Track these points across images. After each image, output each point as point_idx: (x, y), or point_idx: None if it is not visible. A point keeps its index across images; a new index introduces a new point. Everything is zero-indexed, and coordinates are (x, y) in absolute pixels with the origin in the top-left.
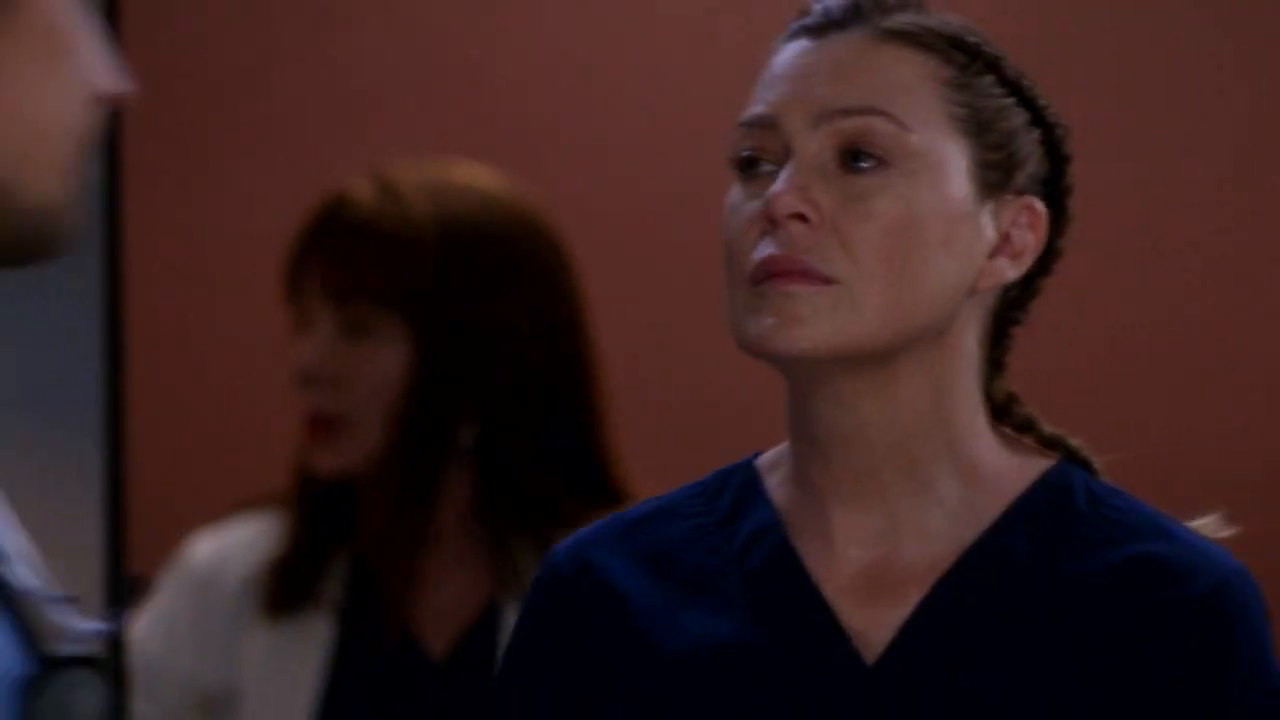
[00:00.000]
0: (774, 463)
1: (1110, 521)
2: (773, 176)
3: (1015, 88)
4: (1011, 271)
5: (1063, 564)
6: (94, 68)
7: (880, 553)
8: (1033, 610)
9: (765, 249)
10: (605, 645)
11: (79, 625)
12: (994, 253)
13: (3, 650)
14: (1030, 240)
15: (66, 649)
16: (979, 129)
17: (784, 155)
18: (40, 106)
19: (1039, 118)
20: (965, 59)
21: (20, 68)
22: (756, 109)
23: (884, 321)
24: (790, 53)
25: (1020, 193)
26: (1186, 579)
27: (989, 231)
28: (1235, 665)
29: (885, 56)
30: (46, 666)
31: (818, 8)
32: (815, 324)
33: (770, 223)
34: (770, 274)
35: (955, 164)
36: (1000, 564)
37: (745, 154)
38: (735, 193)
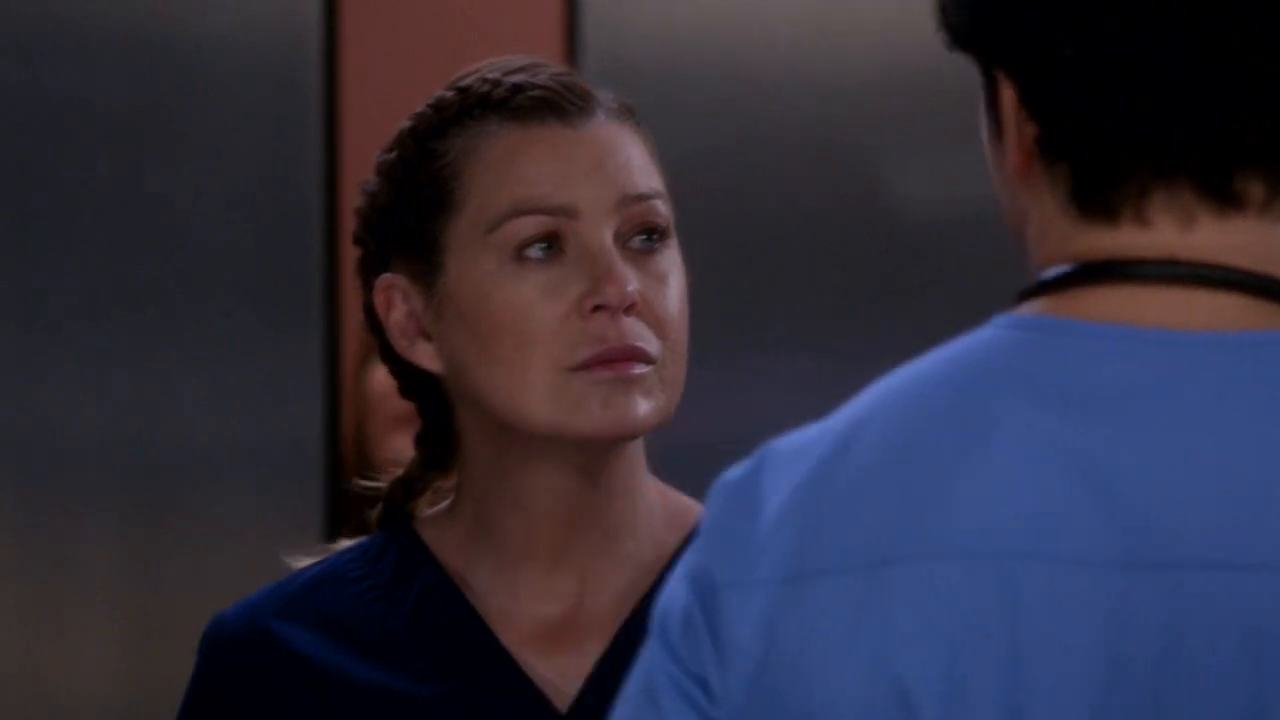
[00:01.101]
0: (437, 525)
1: None
2: (561, 262)
3: None
4: None
5: None
6: None
7: (567, 607)
8: None
9: (605, 337)
10: (287, 709)
11: None
12: None
13: None
14: None
15: None
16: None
17: (577, 241)
18: None
19: None
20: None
21: None
22: (554, 198)
23: (676, 394)
24: (552, 139)
25: None
26: None
27: None
28: None
29: (629, 137)
30: None
31: (539, 93)
32: (649, 402)
33: (604, 310)
34: (611, 361)
35: None
36: None
37: (543, 244)
38: (527, 281)
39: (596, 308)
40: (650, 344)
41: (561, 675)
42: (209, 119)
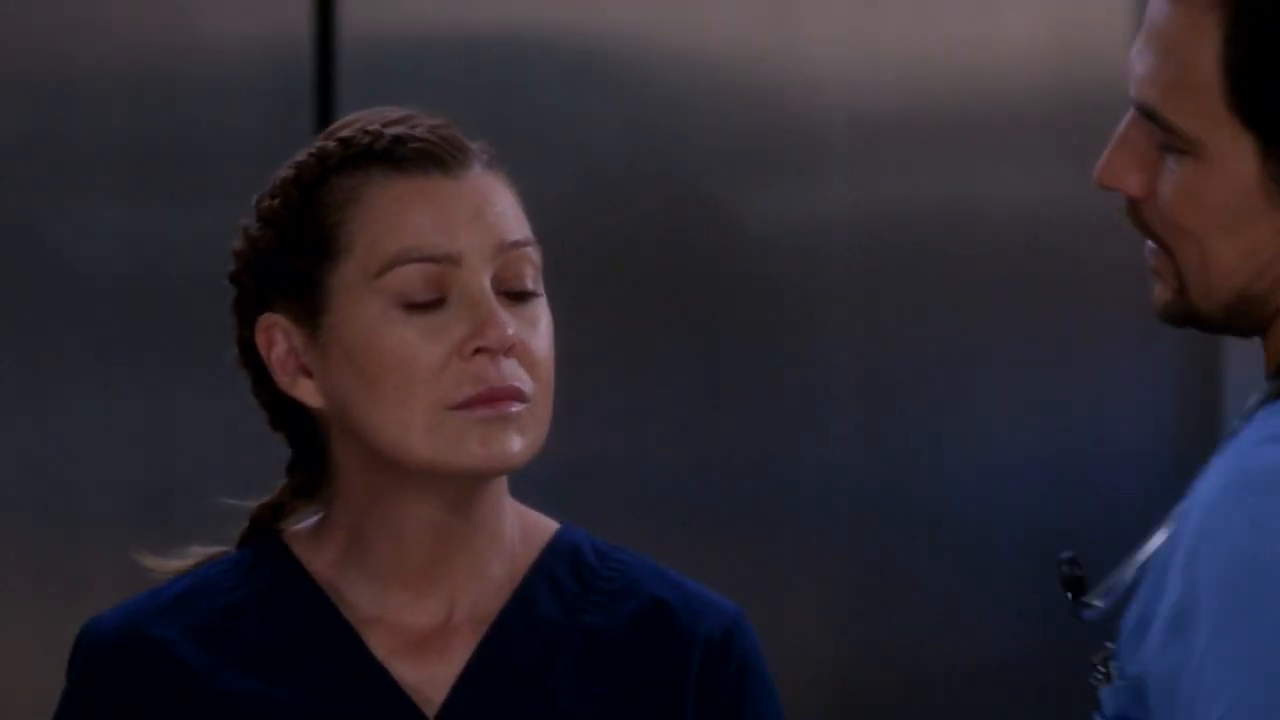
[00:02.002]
0: (309, 541)
1: (620, 574)
2: (443, 306)
3: None
4: None
5: (587, 616)
6: None
7: (435, 621)
8: (570, 660)
9: (486, 377)
10: (161, 715)
11: None
12: None
13: None
14: None
15: None
16: None
17: (459, 287)
18: None
19: None
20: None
21: None
22: (438, 246)
23: (545, 429)
24: (435, 189)
25: None
26: (698, 624)
27: None
28: (752, 699)
29: (502, 187)
30: None
31: (419, 145)
32: (523, 439)
33: (485, 353)
34: (490, 400)
35: None
36: (530, 622)
37: (427, 290)
38: (412, 325)
39: (478, 350)
40: (525, 384)
41: (430, 684)
42: (203, 148)
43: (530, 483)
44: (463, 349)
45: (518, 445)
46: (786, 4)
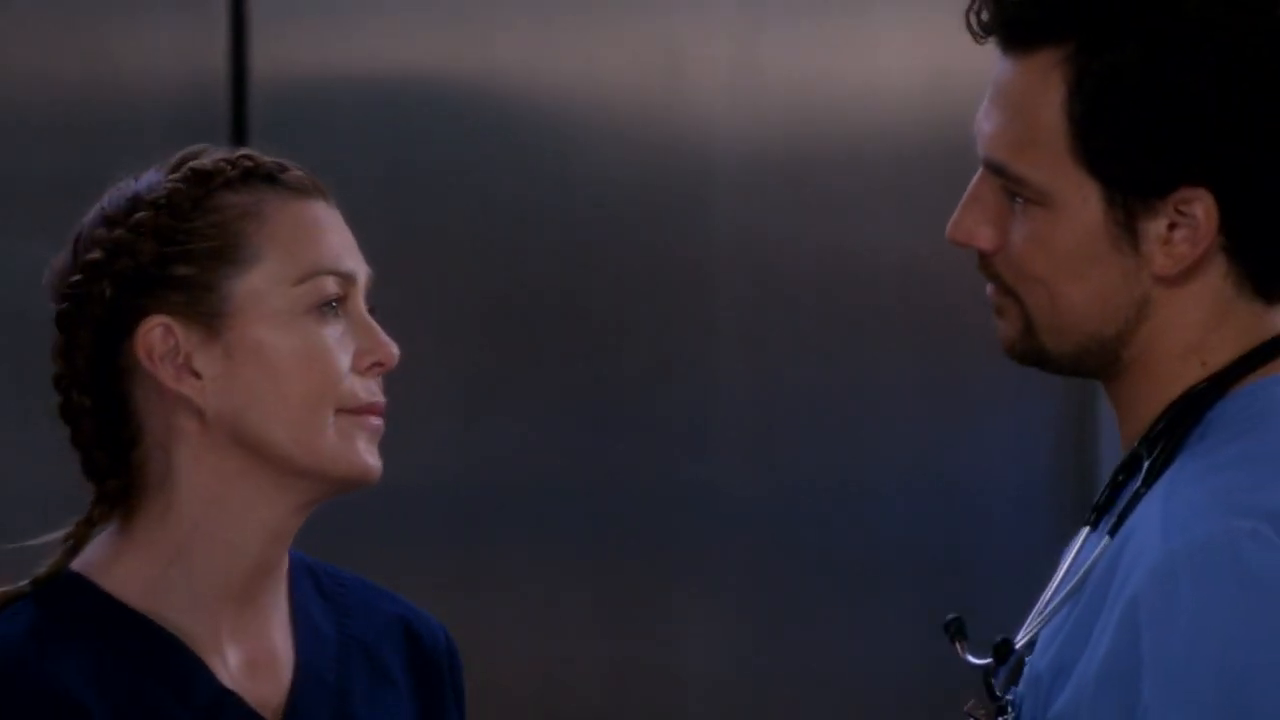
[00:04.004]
0: (112, 571)
1: (349, 590)
2: (341, 321)
3: None
4: None
5: (350, 628)
6: None
7: (257, 643)
8: (359, 665)
9: (374, 391)
10: None
11: None
12: None
13: None
14: None
15: None
16: None
17: (352, 306)
18: None
19: None
20: None
21: None
22: (343, 264)
23: None
24: (326, 215)
25: None
26: (436, 634)
27: None
28: (460, 699)
29: None
30: None
31: (300, 173)
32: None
33: (376, 368)
34: (378, 412)
35: None
36: (316, 632)
37: (335, 302)
38: (325, 330)
39: (373, 365)
40: None
41: (264, 706)
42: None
43: (419, 499)
44: (358, 362)
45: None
46: (673, 49)
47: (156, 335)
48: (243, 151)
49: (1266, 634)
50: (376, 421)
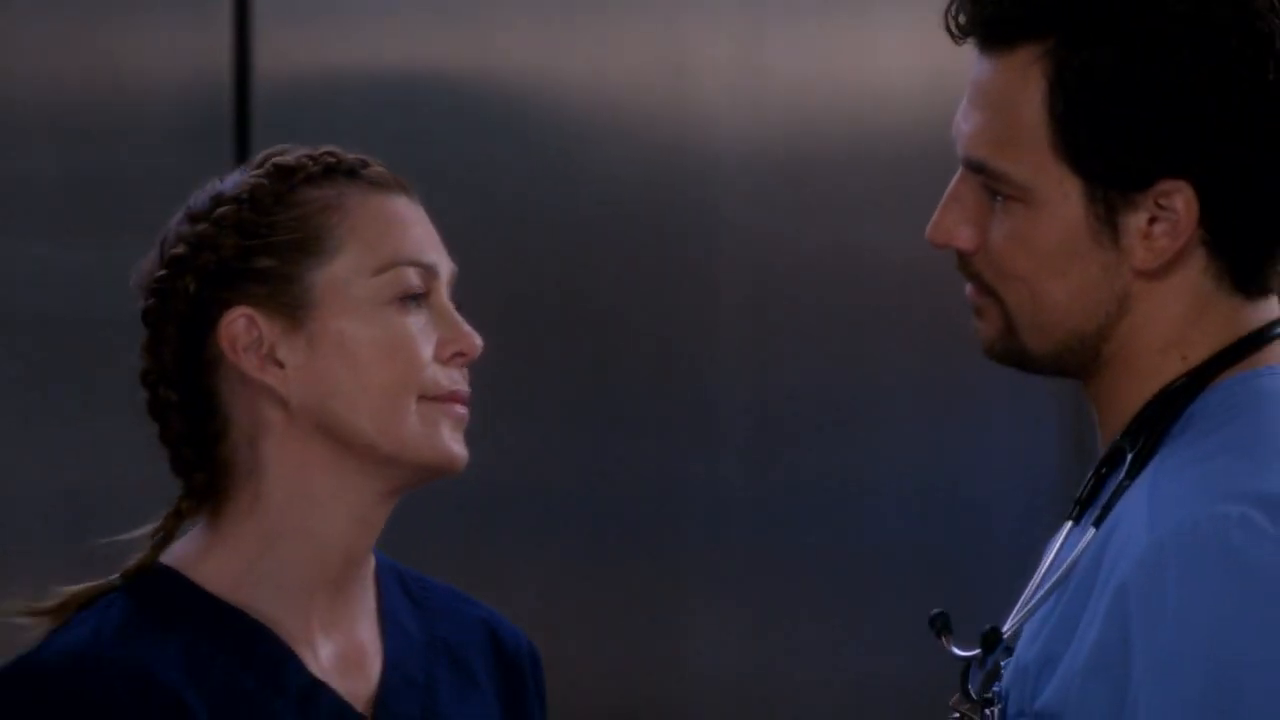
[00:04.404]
0: (201, 565)
1: (432, 593)
2: (424, 311)
3: None
4: None
5: (436, 629)
6: None
7: (347, 634)
8: (446, 667)
9: (457, 380)
10: None
11: None
12: None
13: None
14: None
15: None
16: None
17: (435, 298)
18: None
19: None
20: None
21: None
22: (426, 256)
23: None
24: (408, 209)
25: None
26: (518, 638)
27: None
28: (543, 704)
29: None
30: None
31: (380, 169)
32: None
33: (459, 358)
34: (462, 400)
35: None
36: (405, 634)
37: (417, 293)
38: (407, 320)
39: (455, 355)
40: None
41: (354, 699)
42: (125, 185)
43: (418, 498)
44: (440, 351)
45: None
46: (678, 48)
47: (240, 326)
48: (326, 148)
49: (1256, 621)
50: (460, 410)
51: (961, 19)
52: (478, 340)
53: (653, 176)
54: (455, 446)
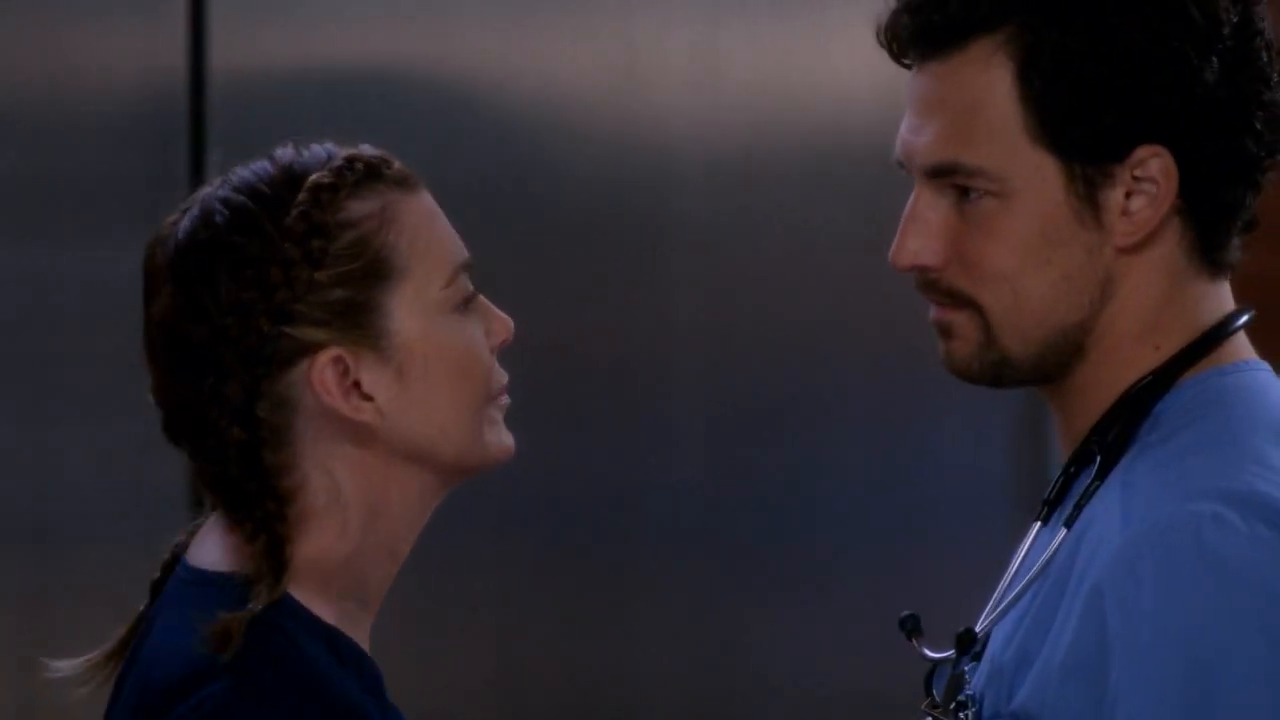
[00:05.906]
0: (306, 589)
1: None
2: (471, 306)
3: None
4: None
5: None
6: None
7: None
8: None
9: (502, 372)
10: None
11: None
12: None
13: None
14: None
15: None
16: None
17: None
18: None
19: None
20: None
21: None
22: (464, 253)
23: None
24: (433, 206)
25: None
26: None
27: None
28: None
29: None
30: None
31: (400, 166)
32: None
33: (501, 345)
34: (505, 390)
35: None
36: None
37: (473, 293)
38: (470, 327)
39: (498, 343)
40: None
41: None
42: (79, 185)
43: None
44: (489, 344)
45: None
46: (632, 47)
47: (329, 369)
48: (346, 153)
49: (1231, 617)
50: (506, 399)
51: (904, 34)
52: (512, 323)
53: (607, 176)
54: (509, 438)
